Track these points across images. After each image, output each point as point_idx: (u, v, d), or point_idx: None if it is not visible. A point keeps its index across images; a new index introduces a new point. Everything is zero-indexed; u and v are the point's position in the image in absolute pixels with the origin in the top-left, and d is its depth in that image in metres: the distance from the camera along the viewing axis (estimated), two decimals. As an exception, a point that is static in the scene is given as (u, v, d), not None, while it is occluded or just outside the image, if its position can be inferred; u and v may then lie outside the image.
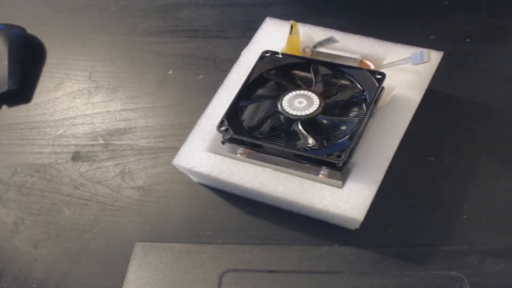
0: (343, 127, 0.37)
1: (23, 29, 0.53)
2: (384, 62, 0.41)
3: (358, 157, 0.36)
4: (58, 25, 0.55)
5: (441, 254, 0.34)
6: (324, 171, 0.36)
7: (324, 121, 0.37)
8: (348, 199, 0.34)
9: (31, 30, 0.54)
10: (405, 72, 0.40)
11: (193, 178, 0.41)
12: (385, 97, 0.39)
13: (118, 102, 0.48)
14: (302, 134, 0.36)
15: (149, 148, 0.44)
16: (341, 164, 0.34)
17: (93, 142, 0.45)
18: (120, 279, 0.35)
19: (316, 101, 0.37)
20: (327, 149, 0.35)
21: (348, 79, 0.39)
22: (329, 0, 0.51)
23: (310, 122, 0.37)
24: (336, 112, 0.38)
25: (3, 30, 0.51)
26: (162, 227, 0.39)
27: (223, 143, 0.39)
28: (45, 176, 0.43)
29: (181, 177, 0.41)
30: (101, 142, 0.45)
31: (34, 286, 0.37)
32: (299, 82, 0.40)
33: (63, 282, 0.37)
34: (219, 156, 0.38)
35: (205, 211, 0.39)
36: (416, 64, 0.38)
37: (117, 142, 0.45)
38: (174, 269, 0.35)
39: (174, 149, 0.40)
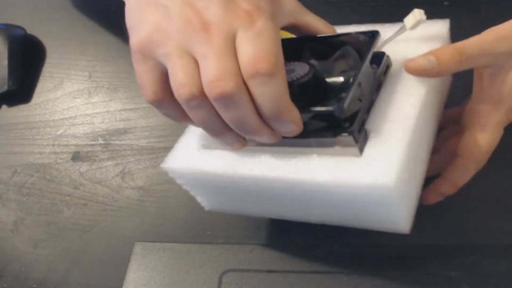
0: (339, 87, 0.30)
1: (23, 29, 0.53)
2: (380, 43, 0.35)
3: (375, 125, 0.30)
4: (58, 25, 0.55)
5: (441, 254, 0.34)
6: (333, 139, 0.29)
7: (315, 83, 0.30)
8: (371, 164, 0.27)
9: (31, 30, 0.54)
10: (414, 42, 0.35)
11: (186, 185, 0.34)
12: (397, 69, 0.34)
13: (118, 102, 0.48)
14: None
15: (149, 148, 0.44)
16: (340, 112, 0.28)
17: (93, 142, 0.45)
18: (120, 279, 0.35)
19: (304, 68, 0.31)
20: (321, 103, 0.29)
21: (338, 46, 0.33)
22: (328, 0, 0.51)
23: (301, 88, 0.30)
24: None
25: (3, 30, 0.51)
26: (162, 227, 0.39)
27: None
28: (45, 176, 0.43)
29: (181, 177, 0.41)
30: (101, 142, 0.45)
31: (34, 286, 0.37)
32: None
33: (63, 282, 0.37)
34: (215, 151, 0.32)
35: (205, 211, 0.39)
36: (412, 27, 0.34)
37: (117, 142, 0.45)
38: (174, 269, 0.35)
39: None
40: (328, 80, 0.31)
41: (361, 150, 0.29)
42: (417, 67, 0.30)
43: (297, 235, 0.37)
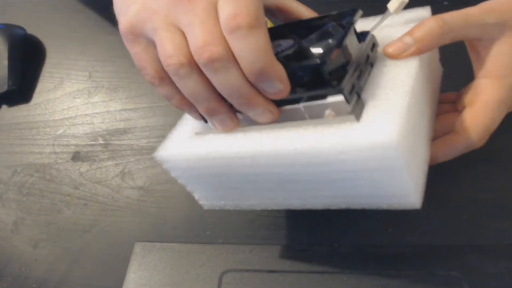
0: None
1: (23, 29, 0.53)
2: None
3: (371, 94, 0.29)
4: (58, 25, 0.55)
5: (441, 254, 0.34)
6: (325, 103, 0.28)
7: (300, 52, 0.30)
8: (370, 126, 0.26)
9: (31, 30, 0.54)
10: (399, 27, 0.34)
11: (181, 177, 0.33)
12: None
13: (118, 102, 0.48)
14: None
15: (149, 148, 0.44)
16: (325, 63, 0.27)
17: (93, 142, 0.45)
18: (120, 279, 0.35)
19: (289, 42, 0.31)
20: (306, 60, 0.28)
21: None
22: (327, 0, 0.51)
23: (287, 58, 0.30)
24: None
25: (3, 30, 0.51)
26: (162, 227, 0.39)
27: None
28: (45, 176, 0.43)
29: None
30: (101, 142, 0.45)
31: (34, 286, 0.37)
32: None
33: (63, 282, 0.37)
34: (208, 135, 0.31)
35: (205, 211, 0.39)
36: (396, 10, 0.33)
37: (117, 142, 0.45)
38: (174, 269, 0.35)
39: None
40: (312, 48, 0.30)
41: (357, 117, 0.28)
42: (394, 51, 0.30)
43: (297, 235, 0.37)
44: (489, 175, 0.38)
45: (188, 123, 0.33)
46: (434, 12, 0.34)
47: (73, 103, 0.48)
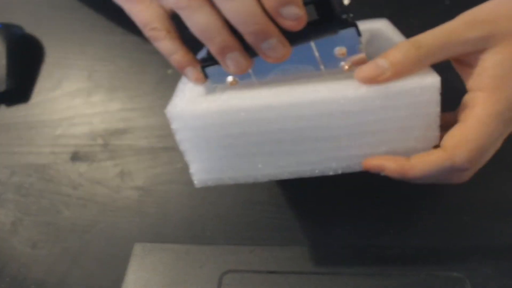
0: None
1: (21, 28, 0.53)
2: None
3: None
4: (56, 24, 0.55)
5: (442, 255, 0.34)
6: (338, 42, 0.27)
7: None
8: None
9: (29, 29, 0.54)
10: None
11: (186, 140, 0.30)
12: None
13: (118, 102, 0.47)
14: None
15: (149, 148, 0.44)
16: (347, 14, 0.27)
17: (92, 142, 0.45)
18: (119, 279, 0.35)
19: None
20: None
21: None
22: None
23: None
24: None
25: (1, 30, 0.51)
26: (162, 227, 0.39)
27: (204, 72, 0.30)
28: (43, 176, 0.43)
29: (181, 177, 0.41)
30: (100, 142, 0.45)
31: (33, 286, 0.37)
32: None
33: (62, 282, 0.37)
34: (224, 92, 0.29)
35: (205, 211, 0.39)
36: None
37: (117, 142, 0.44)
38: (173, 270, 0.35)
39: (174, 149, 0.40)
40: None
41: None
42: (368, 75, 0.27)
43: (297, 236, 0.37)
44: (490, 175, 0.38)
45: (191, 87, 0.31)
46: (437, 12, 0.34)
47: (72, 103, 0.48)
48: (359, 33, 0.28)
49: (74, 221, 0.40)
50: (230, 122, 0.28)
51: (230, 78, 0.30)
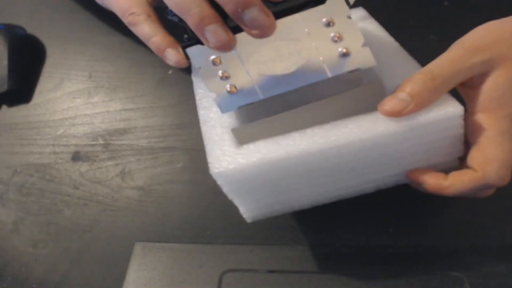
0: None
1: (23, 29, 0.53)
2: None
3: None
4: (58, 25, 0.55)
5: (442, 254, 0.34)
6: (326, 13, 0.27)
7: None
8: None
9: (31, 30, 0.54)
10: None
11: (233, 191, 0.31)
12: None
13: (118, 102, 0.48)
14: None
15: (149, 148, 0.44)
16: None
17: (93, 142, 0.45)
18: (120, 279, 0.35)
19: None
20: None
21: None
22: None
23: None
24: None
25: (3, 30, 0.51)
26: (162, 227, 0.39)
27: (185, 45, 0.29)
28: (45, 176, 0.43)
29: (181, 177, 0.41)
30: (101, 142, 0.45)
31: (34, 286, 0.37)
32: None
33: (62, 282, 0.37)
34: (255, 142, 0.30)
35: (205, 211, 0.39)
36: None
37: (117, 142, 0.45)
38: (174, 269, 0.35)
39: (174, 149, 0.40)
40: None
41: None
42: (392, 110, 0.28)
43: (297, 235, 0.37)
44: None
45: (212, 123, 0.32)
46: (434, 13, 0.34)
47: (73, 103, 0.48)
48: (348, 2, 0.27)
49: (75, 220, 0.40)
50: (271, 171, 0.29)
51: (212, 56, 0.29)
